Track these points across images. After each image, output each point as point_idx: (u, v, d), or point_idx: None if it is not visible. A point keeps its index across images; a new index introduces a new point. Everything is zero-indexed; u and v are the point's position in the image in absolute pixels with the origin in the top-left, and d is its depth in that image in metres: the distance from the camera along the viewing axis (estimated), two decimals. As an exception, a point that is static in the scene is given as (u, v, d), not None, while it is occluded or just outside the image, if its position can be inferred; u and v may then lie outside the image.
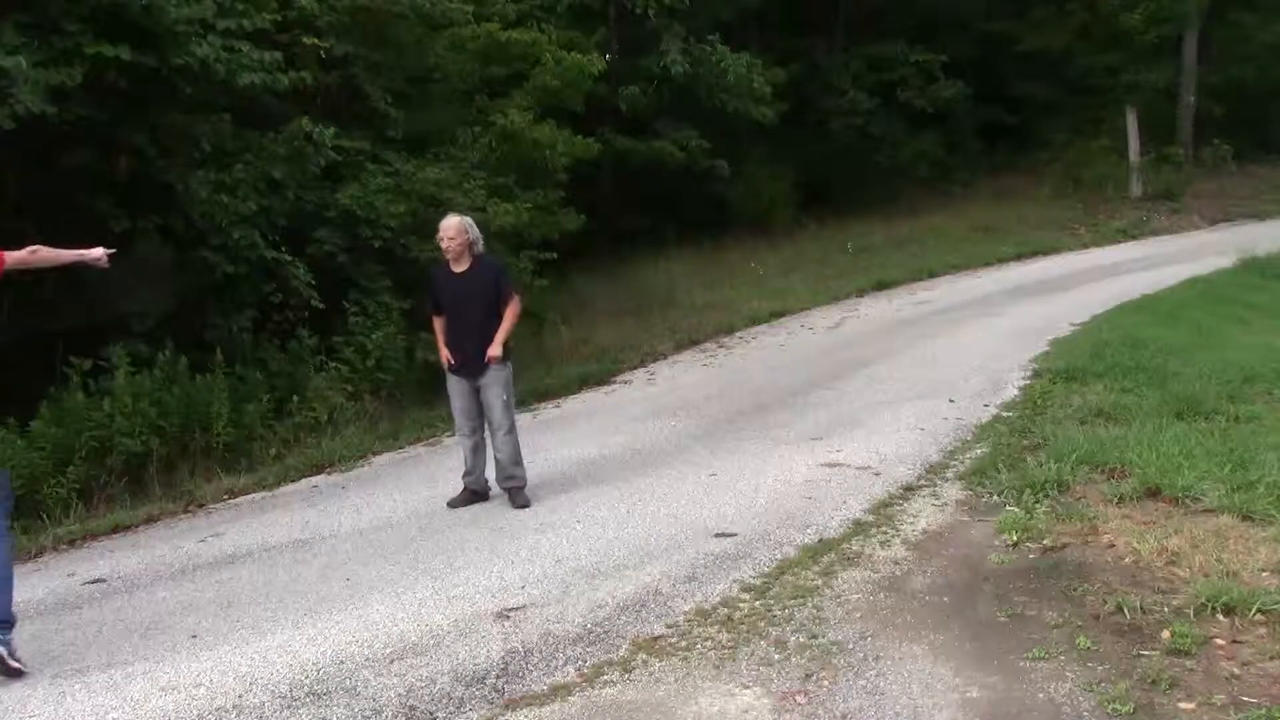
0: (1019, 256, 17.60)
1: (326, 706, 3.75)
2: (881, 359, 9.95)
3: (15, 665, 4.18)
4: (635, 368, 10.87)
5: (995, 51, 24.46)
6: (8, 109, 6.71)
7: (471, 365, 6.20)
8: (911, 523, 5.34)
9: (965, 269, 16.65)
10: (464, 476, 6.39)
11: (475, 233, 6.29)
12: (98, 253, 4.84)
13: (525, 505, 6.13)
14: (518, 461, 6.25)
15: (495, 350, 6.13)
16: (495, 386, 6.18)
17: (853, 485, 6.06)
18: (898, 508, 5.61)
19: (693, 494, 6.13)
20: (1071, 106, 24.21)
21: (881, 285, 15.36)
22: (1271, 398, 7.31)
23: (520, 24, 14.29)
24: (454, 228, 6.20)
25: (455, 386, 6.32)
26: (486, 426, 6.29)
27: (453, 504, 6.30)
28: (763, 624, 4.20)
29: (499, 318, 6.19)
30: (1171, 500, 5.10)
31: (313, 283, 9.22)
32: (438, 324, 6.41)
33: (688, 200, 19.63)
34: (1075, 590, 4.26)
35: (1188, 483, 5.16)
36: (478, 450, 6.34)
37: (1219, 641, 3.73)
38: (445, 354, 6.32)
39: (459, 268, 6.23)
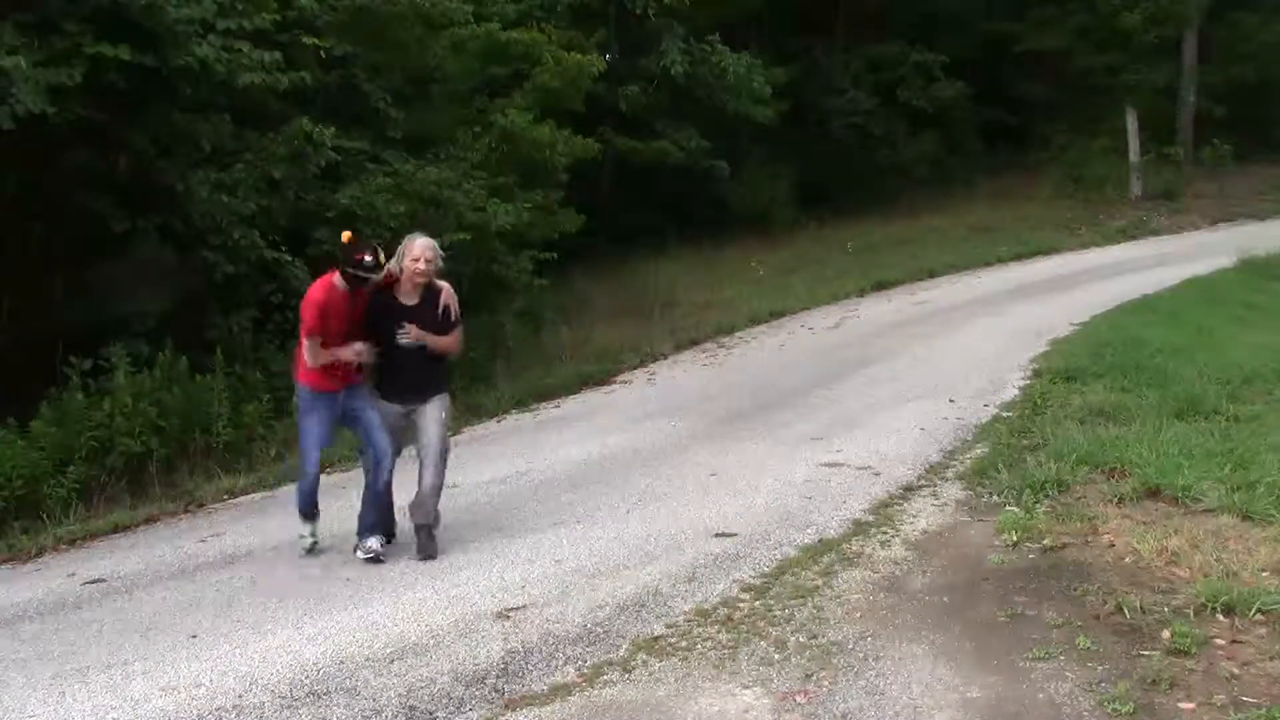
0: (1019, 256, 17.57)
1: (326, 706, 3.75)
2: (881, 359, 9.95)
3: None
4: (635, 368, 10.86)
5: (995, 51, 24.44)
6: (8, 109, 6.71)
7: (409, 396, 5.35)
8: (911, 523, 5.34)
9: (965, 269, 16.62)
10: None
11: (439, 256, 5.43)
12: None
13: (433, 557, 5.24)
14: (439, 494, 5.37)
15: (428, 338, 5.23)
16: (435, 402, 5.38)
17: (853, 485, 6.06)
18: (898, 508, 5.61)
19: (693, 494, 6.12)
20: (1071, 106, 24.19)
21: (881, 285, 15.35)
22: (1271, 398, 7.31)
23: (520, 24, 14.31)
24: (432, 249, 5.33)
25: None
26: (416, 450, 5.44)
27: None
28: (763, 624, 4.20)
29: (443, 360, 5.46)
30: (1171, 500, 5.10)
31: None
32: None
33: (687, 200, 19.65)
34: (1075, 590, 4.26)
35: (1188, 483, 5.16)
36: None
37: (1219, 641, 3.73)
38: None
39: (409, 300, 5.32)
